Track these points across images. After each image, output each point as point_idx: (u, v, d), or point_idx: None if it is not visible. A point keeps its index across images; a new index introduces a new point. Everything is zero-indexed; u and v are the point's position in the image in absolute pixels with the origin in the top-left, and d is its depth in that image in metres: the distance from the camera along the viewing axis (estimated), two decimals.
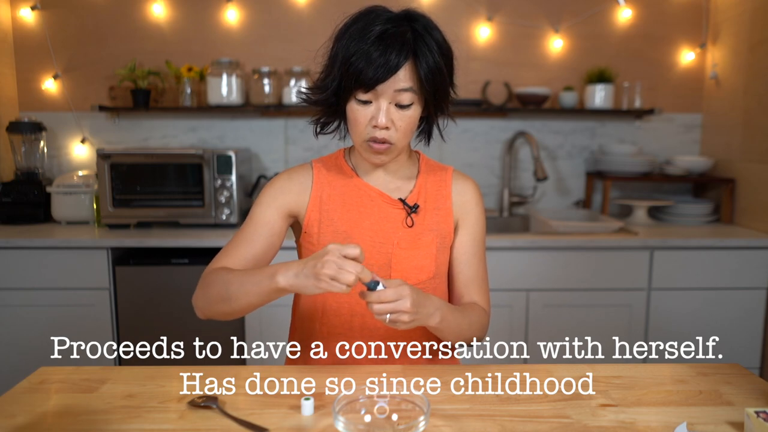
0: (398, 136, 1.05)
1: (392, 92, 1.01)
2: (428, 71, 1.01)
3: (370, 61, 0.98)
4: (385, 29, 1.00)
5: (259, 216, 1.13)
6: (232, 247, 1.13)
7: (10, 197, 2.47)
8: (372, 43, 0.99)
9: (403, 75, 1.00)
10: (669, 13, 2.73)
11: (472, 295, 1.18)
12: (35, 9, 2.64)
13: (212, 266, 1.12)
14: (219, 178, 2.35)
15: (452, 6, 2.70)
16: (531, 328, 2.25)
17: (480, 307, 1.16)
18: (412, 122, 1.06)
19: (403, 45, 0.99)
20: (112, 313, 2.22)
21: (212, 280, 1.06)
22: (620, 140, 2.80)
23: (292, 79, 2.57)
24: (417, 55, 1.00)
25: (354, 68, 1.00)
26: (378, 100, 1.02)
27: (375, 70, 0.98)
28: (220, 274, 1.05)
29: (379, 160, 1.09)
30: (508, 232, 2.43)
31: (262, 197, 1.15)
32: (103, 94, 2.70)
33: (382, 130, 1.03)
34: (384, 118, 1.02)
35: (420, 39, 1.01)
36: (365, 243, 1.12)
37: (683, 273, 2.24)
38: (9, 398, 0.95)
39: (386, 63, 0.98)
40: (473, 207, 1.19)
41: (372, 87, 1.00)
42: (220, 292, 1.03)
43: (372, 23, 1.01)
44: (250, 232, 1.13)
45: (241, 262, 1.11)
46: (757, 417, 0.81)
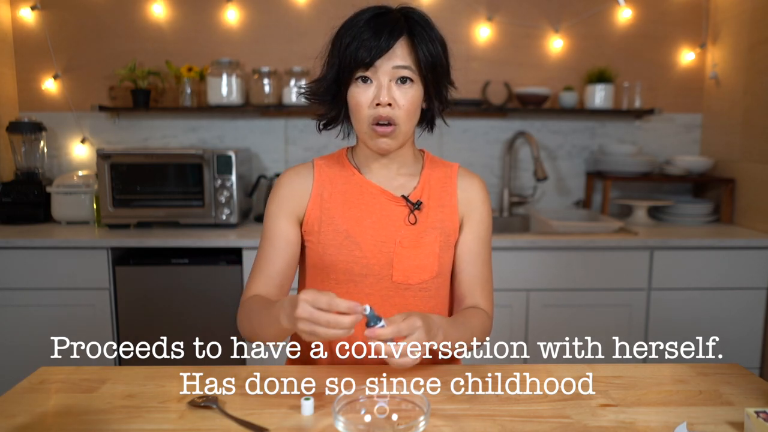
0: (401, 115, 1.05)
1: (391, 69, 1.03)
2: (426, 52, 1.03)
3: (363, 41, 1.01)
4: (378, 13, 1.04)
5: (272, 230, 1.14)
6: (256, 270, 1.14)
7: (10, 197, 2.47)
8: (365, 24, 1.02)
9: (400, 52, 1.03)
10: (669, 13, 2.73)
11: (474, 296, 1.16)
12: (35, 9, 2.64)
13: (245, 295, 1.13)
14: (219, 178, 2.35)
15: (452, 6, 2.70)
16: (531, 328, 2.25)
17: (482, 311, 1.15)
18: (414, 102, 1.06)
19: (396, 23, 1.02)
20: (112, 313, 2.22)
21: (243, 315, 1.09)
22: (620, 140, 2.80)
23: (292, 79, 2.57)
24: (413, 35, 1.03)
25: (350, 50, 1.02)
26: (378, 78, 1.03)
27: (371, 48, 1.01)
28: (246, 309, 1.08)
29: (385, 144, 1.07)
30: (508, 232, 2.42)
31: (270, 208, 1.15)
32: (103, 94, 2.70)
33: (386, 107, 1.03)
34: (385, 94, 1.03)
35: (415, 24, 1.04)
36: (366, 241, 1.11)
37: (683, 273, 2.24)
38: (9, 398, 0.95)
39: (380, 40, 1.01)
40: (479, 205, 1.18)
41: (371, 63, 1.02)
42: (249, 327, 1.06)
43: (364, 12, 1.05)
44: (267, 249, 1.14)
45: (269, 281, 1.12)
46: (757, 417, 0.81)
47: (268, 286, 1.12)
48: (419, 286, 1.13)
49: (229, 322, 2.24)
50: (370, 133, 1.06)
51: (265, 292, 1.11)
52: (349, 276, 1.12)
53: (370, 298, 1.12)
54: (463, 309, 1.16)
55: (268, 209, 1.16)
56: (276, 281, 1.12)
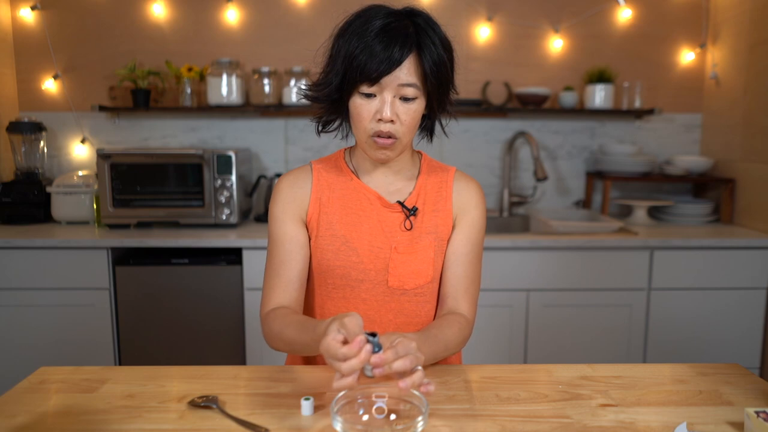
0: (403, 130, 1.04)
1: (396, 86, 1.01)
2: (433, 65, 1.01)
3: (374, 54, 0.98)
4: (388, 23, 1.00)
5: (281, 234, 1.12)
6: (273, 276, 1.11)
7: (10, 197, 2.47)
8: (375, 36, 0.99)
9: (407, 68, 1.00)
10: (669, 13, 2.73)
11: (457, 298, 1.14)
12: (35, 9, 2.64)
13: (266, 306, 1.10)
14: (219, 178, 2.35)
15: (452, 6, 2.70)
16: (531, 328, 2.25)
17: (461, 316, 1.11)
18: (416, 117, 1.05)
19: (406, 38, 0.99)
20: (112, 313, 2.22)
21: (273, 333, 1.05)
22: (620, 140, 2.80)
23: (292, 79, 2.57)
24: (421, 48, 1.00)
25: (358, 62, 1.00)
26: (382, 94, 1.02)
27: (379, 63, 0.98)
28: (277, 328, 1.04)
29: (384, 155, 1.07)
30: (508, 232, 2.42)
31: (274, 213, 1.14)
32: (103, 94, 2.70)
33: (387, 123, 1.03)
34: (389, 111, 1.01)
35: (423, 33, 1.01)
36: (363, 247, 1.11)
37: (683, 273, 2.24)
38: (9, 398, 0.95)
39: (390, 56, 0.98)
40: (472, 208, 1.17)
41: (377, 80, 1.00)
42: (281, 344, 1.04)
43: (373, 18, 1.01)
44: (280, 254, 1.12)
45: (288, 287, 1.10)
46: (757, 417, 0.81)
47: (288, 291, 1.10)
48: (415, 291, 1.12)
49: (229, 322, 2.24)
50: (370, 143, 1.06)
51: (287, 300, 1.09)
52: (345, 281, 1.11)
53: (367, 303, 1.12)
54: (442, 315, 1.13)
55: (273, 214, 1.14)
56: (295, 285, 1.11)
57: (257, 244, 2.18)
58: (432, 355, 1.01)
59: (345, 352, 0.80)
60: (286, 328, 1.01)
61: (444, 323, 1.08)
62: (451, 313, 1.12)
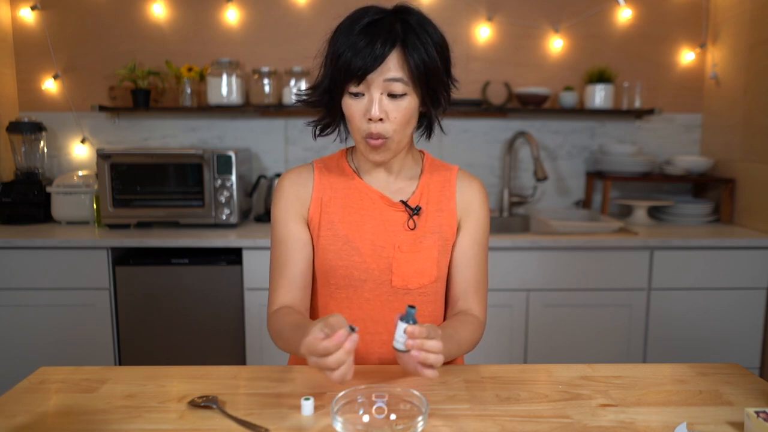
0: (393, 128, 1.03)
1: (382, 82, 1.00)
2: (419, 61, 1.00)
3: (357, 51, 0.98)
4: (373, 20, 1.00)
5: (284, 234, 1.12)
6: (277, 276, 1.12)
7: (10, 197, 2.47)
8: (358, 33, 0.98)
9: (392, 64, 0.99)
10: (669, 13, 2.73)
11: (467, 299, 1.14)
12: (35, 9, 2.64)
13: (272, 306, 1.11)
14: (219, 178, 2.35)
15: (452, 6, 2.70)
16: (531, 328, 2.25)
17: (473, 317, 1.12)
18: (408, 114, 1.03)
19: (389, 33, 0.98)
20: (112, 313, 2.22)
21: (275, 332, 1.07)
22: (620, 140, 2.80)
23: (292, 79, 2.57)
24: (407, 44, 0.99)
25: (342, 60, 0.99)
26: (370, 92, 1.01)
27: (362, 60, 0.98)
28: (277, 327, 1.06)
29: (379, 157, 1.06)
30: (508, 232, 2.42)
31: (277, 213, 1.14)
32: (103, 94, 2.70)
33: (377, 123, 1.01)
34: (377, 109, 1.00)
35: (411, 30, 1.00)
36: (366, 247, 1.10)
37: (683, 273, 2.24)
38: (9, 398, 0.95)
39: (372, 52, 0.97)
40: (476, 208, 1.16)
41: (361, 78, 0.99)
42: (284, 347, 1.05)
43: (361, 17, 1.01)
44: (284, 253, 1.12)
45: (292, 286, 1.11)
46: (757, 417, 0.81)
47: (292, 290, 1.11)
48: (418, 290, 1.12)
49: (229, 322, 2.24)
50: (364, 144, 1.05)
51: (291, 299, 1.10)
52: (348, 281, 1.11)
53: (370, 303, 1.11)
54: (455, 315, 1.14)
55: (275, 214, 1.14)
56: (299, 284, 1.11)
57: (257, 244, 2.18)
58: (447, 353, 1.00)
59: (326, 346, 0.82)
60: (284, 329, 1.02)
61: (458, 323, 1.09)
62: (464, 313, 1.13)
